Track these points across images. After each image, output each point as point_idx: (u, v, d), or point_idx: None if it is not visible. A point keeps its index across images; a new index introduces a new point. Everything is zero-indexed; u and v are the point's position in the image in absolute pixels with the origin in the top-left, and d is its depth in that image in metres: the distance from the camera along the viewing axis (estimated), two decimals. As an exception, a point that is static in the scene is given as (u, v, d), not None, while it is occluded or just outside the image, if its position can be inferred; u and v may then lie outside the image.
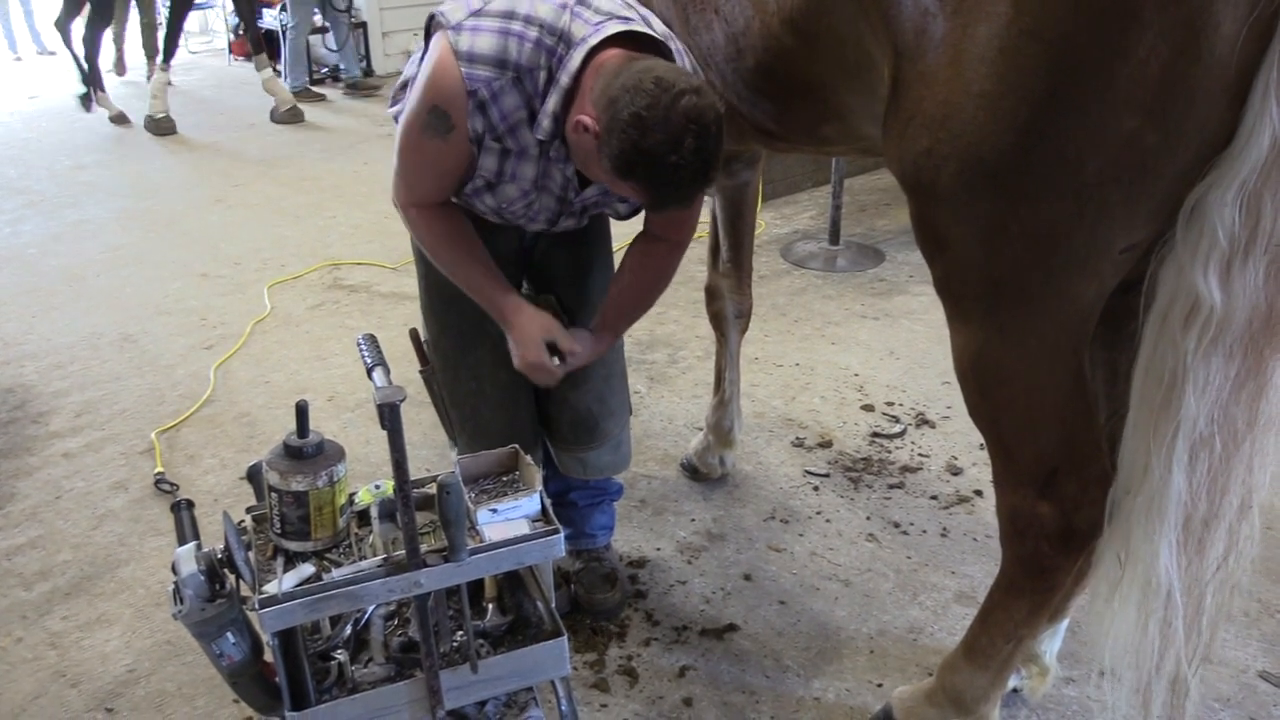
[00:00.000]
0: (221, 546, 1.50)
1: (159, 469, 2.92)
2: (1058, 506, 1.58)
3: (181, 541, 1.52)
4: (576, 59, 1.64)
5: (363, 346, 1.58)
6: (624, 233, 2.11)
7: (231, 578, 1.51)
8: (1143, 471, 1.46)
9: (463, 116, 1.68)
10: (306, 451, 1.50)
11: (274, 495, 1.51)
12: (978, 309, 1.52)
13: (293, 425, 1.56)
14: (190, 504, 1.62)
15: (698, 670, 2.17)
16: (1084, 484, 1.56)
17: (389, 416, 1.37)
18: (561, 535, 1.56)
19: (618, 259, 2.09)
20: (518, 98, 1.68)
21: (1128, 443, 1.49)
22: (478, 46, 1.65)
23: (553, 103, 1.67)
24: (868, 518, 2.67)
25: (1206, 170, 1.27)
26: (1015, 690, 2.03)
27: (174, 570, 1.47)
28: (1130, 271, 1.43)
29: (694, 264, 4.36)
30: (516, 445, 1.77)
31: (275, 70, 8.31)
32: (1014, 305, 1.47)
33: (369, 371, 1.50)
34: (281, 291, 4.25)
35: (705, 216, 2.84)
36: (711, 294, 2.74)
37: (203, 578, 1.45)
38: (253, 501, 1.69)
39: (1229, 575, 1.49)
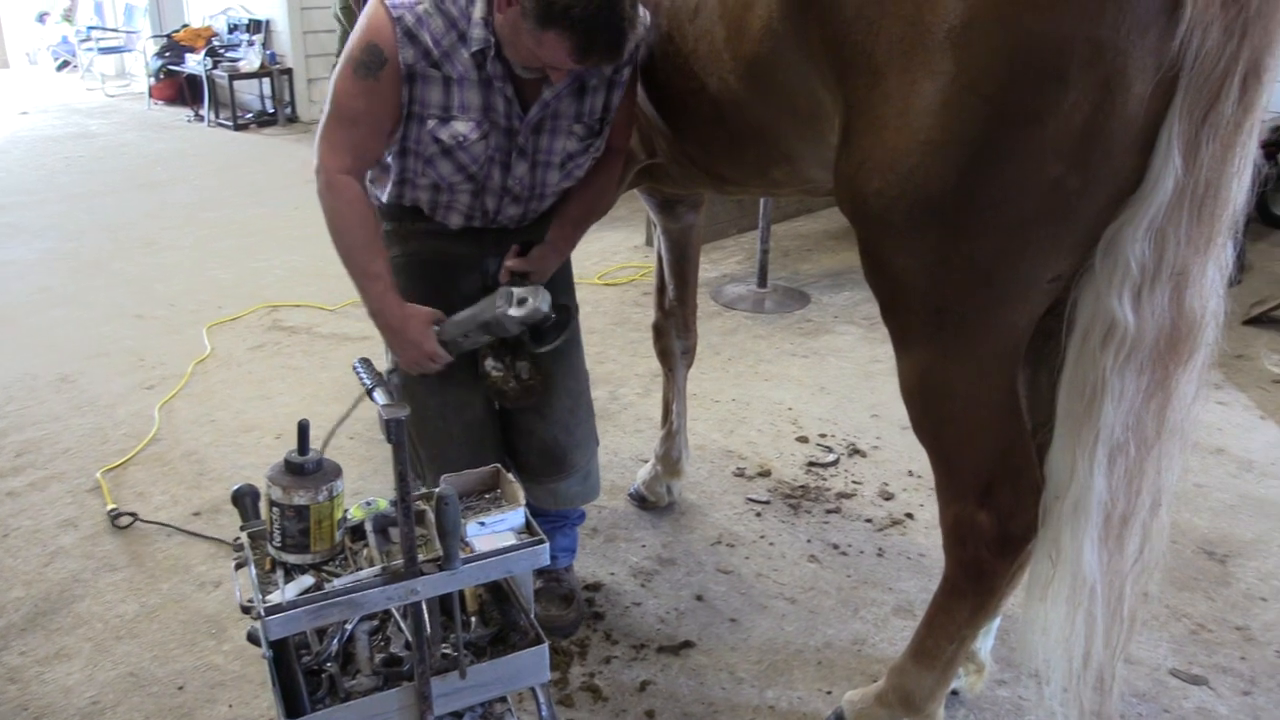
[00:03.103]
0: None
1: (111, 505, 2.91)
2: (995, 515, 1.74)
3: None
4: None
5: (360, 370, 1.67)
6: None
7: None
8: (1069, 477, 1.63)
9: (393, 49, 1.79)
10: (308, 468, 1.58)
11: (275, 510, 1.58)
12: (922, 334, 1.69)
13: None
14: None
15: (658, 685, 2.28)
16: (1018, 493, 1.73)
17: (394, 430, 1.47)
18: (547, 545, 1.67)
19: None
20: (443, 21, 1.81)
21: (1055, 452, 1.67)
22: None
23: (479, 10, 1.80)
24: (808, 540, 2.82)
25: (1120, 209, 1.47)
26: (954, 692, 2.19)
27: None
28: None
29: (629, 307, 4.53)
30: (498, 464, 1.86)
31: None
32: (954, 330, 1.64)
33: (369, 392, 1.60)
34: (221, 332, 4.26)
35: (652, 260, 2.98)
36: (658, 332, 2.89)
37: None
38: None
39: (1145, 568, 1.68)
